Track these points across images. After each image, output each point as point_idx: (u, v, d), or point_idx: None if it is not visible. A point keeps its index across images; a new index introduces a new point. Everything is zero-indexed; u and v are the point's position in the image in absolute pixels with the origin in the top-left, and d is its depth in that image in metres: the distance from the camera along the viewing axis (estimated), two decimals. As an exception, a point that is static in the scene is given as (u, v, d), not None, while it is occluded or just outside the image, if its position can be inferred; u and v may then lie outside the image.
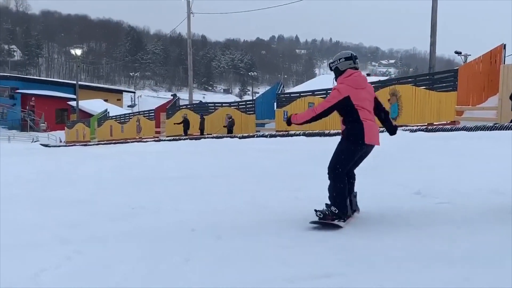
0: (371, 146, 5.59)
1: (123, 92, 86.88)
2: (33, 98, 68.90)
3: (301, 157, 13.03)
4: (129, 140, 35.06)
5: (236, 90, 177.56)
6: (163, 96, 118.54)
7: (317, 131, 20.24)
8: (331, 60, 5.71)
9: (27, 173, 13.60)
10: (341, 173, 5.42)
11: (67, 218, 6.70)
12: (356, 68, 5.55)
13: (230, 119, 27.71)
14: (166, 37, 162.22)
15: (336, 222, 5.31)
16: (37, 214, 7.16)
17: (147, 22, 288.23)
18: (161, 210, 7.11)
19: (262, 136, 22.40)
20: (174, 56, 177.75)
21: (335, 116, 5.54)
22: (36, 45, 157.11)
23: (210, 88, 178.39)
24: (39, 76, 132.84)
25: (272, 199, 7.42)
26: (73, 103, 59.76)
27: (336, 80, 5.58)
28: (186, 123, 31.11)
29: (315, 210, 5.48)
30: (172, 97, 52.58)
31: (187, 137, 28.67)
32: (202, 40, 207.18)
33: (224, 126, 27.85)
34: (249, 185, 9.11)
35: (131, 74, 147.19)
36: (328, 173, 5.47)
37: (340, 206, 5.37)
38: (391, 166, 9.83)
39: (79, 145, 40.29)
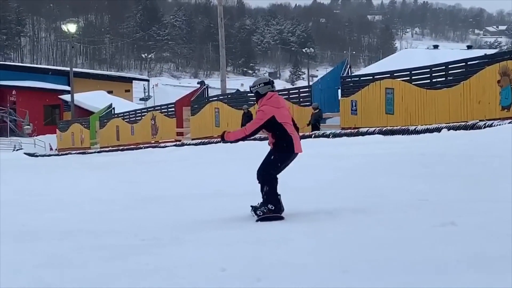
0: (296, 154, 8.38)
1: (134, 81, 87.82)
2: (13, 92, 70.25)
3: (376, 164, 12.85)
4: (142, 146, 35.35)
5: (286, 73, 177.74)
6: (187, 85, 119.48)
7: (398, 127, 19.99)
8: (251, 85, 8.63)
9: (4, 193, 13.79)
10: (274, 176, 8.25)
11: (53, 255, 6.71)
12: (274, 91, 8.47)
13: (317, 110, 26.63)
14: (190, 4, 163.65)
15: (272, 217, 8.03)
16: (13, 249, 7.20)
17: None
18: (181, 242, 7.08)
19: (323, 135, 22.26)
20: (200, 30, 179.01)
21: (422, 108, 5.54)
22: (17, 21, 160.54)
23: (250, 71, 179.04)
24: (22, 62, 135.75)
25: (331, 223, 7.31)
26: (67, 97, 60.59)
27: (257, 103, 8.48)
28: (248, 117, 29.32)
29: (251, 206, 8.32)
30: (199, 85, 52.55)
31: (220, 139, 28.66)
32: (238, 7, 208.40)
33: (307, 124, 26.69)
34: (301, 204, 9.01)
35: (143, 55, 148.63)
36: (261, 176, 8.24)
37: (275, 203, 8.13)
38: (499, 177, 9.54)
39: (75, 153, 40.88)
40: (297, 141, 8.29)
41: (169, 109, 40.54)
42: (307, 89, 30.60)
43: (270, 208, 8.11)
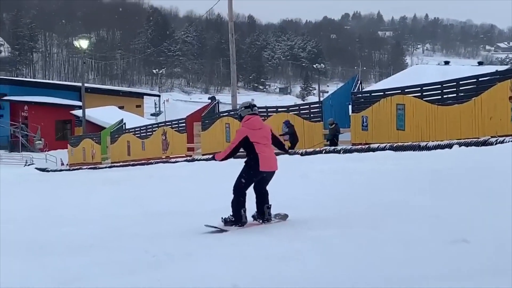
0: (270, 172, 9.28)
1: (145, 96, 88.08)
2: (25, 107, 70.53)
3: (387, 180, 12.82)
4: (152, 161, 35.34)
5: (297, 89, 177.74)
6: (198, 100, 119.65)
7: (409, 143, 19.94)
8: (237, 108, 10.02)
9: (16, 209, 13.84)
10: (243, 191, 9.15)
11: (66, 271, 6.72)
12: (255, 114, 9.45)
13: (333, 125, 25.99)
14: (201, 20, 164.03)
15: (231, 227, 8.99)
16: (27, 264, 7.21)
17: (175, 1, 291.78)
18: (193, 257, 7.08)
19: (333, 151, 22.22)
20: (211, 46, 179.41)
21: (433, 124, 5.54)
22: (29, 37, 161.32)
23: (261, 87, 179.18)
24: (34, 78, 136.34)
25: (342, 239, 7.31)
26: (78, 113, 60.79)
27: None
28: (292, 134, 27.30)
29: (222, 218, 9.16)
30: (209, 101, 52.77)
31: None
32: (249, 23, 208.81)
33: (326, 140, 26.07)
34: (312, 219, 9.00)
35: (154, 71, 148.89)
36: (233, 189, 9.17)
37: (236, 216, 9.07)
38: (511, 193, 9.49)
39: (86, 168, 40.91)
40: (264, 160, 9.10)
41: (180, 125, 40.55)
42: (318, 105, 30.57)
43: (231, 219, 9.14)
